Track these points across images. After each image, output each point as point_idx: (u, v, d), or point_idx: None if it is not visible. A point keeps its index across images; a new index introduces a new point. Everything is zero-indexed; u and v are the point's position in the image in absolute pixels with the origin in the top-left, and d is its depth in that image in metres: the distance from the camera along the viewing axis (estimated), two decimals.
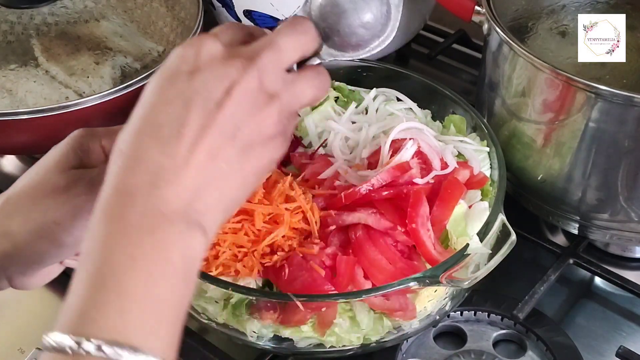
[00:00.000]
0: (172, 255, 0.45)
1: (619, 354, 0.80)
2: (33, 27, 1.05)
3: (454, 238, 0.77)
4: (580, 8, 0.89)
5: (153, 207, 0.45)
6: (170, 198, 0.46)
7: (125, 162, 0.47)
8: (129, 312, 0.43)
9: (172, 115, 0.47)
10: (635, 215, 0.84)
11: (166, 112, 0.47)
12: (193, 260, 0.47)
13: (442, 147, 0.85)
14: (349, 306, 0.73)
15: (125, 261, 0.44)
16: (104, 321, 0.43)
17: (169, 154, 0.46)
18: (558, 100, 0.80)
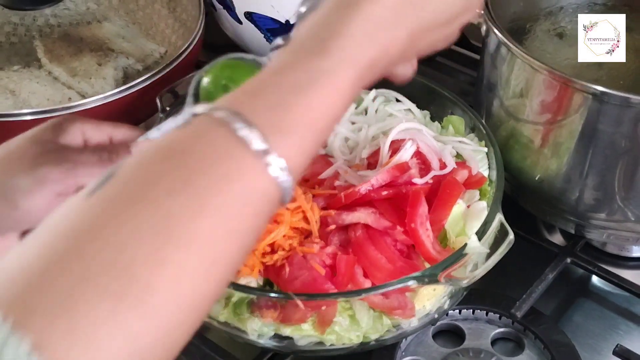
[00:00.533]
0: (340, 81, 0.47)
1: (616, 352, 0.80)
2: (36, 28, 1.06)
3: (453, 237, 0.78)
4: (578, 10, 0.90)
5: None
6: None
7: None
8: (280, 109, 0.44)
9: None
10: (632, 215, 0.84)
11: None
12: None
13: (440, 147, 0.85)
14: (348, 305, 0.73)
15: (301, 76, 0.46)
16: (252, 106, 0.44)
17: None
18: (556, 101, 0.81)
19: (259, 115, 0.43)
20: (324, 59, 0.47)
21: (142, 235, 0.38)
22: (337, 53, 0.47)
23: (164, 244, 0.38)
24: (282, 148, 0.43)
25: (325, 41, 0.48)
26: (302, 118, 0.45)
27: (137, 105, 0.91)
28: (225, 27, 1.14)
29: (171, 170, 0.41)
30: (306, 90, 0.45)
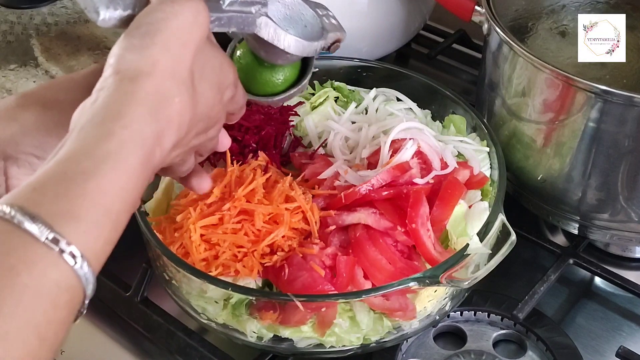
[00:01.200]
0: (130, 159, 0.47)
1: (619, 354, 0.80)
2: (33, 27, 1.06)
3: (454, 238, 0.77)
4: (580, 8, 0.89)
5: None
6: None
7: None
8: (72, 199, 0.44)
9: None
10: (635, 215, 0.84)
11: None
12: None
13: (442, 147, 0.85)
14: (348, 306, 0.73)
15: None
16: (38, 199, 0.43)
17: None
18: (558, 100, 0.80)
19: (44, 206, 0.43)
20: (109, 141, 0.46)
21: None
22: (121, 133, 0.47)
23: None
24: (73, 235, 0.43)
25: (106, 123, 0.47)
26: (94, 204, 0.44)
27: None
28: None
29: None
30: (94, 176, 0.45)
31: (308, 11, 0.66)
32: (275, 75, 0.67)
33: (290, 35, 0.62)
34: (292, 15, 0.65)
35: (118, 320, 0.86)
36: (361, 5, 1.04)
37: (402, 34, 1.13)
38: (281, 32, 0.61)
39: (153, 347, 0.84)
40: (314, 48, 0.64)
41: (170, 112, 0.50)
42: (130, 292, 0.86)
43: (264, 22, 0.60)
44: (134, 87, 0.49)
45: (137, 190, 0.47)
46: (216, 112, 0.57)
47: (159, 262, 0.78)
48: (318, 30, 0.66)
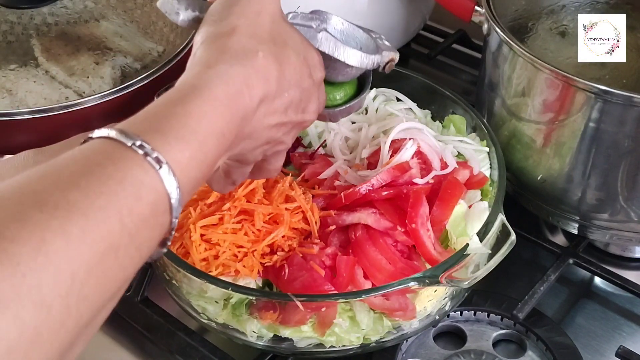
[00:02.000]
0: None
1: (619, 354, 0.80)
2: (33, 27, 1.05)
3: (454, 238, 0.77)
4: (580, 8, 0.89)
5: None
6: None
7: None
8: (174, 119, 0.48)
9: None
10: (635, 215, 0.84)
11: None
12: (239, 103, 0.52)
13: (442, 147, 0.85)
14: (348, 306, 0.73)
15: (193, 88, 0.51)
16: (134, 121, 0.48)
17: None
18: (558, 101, 0.80)
19: (136, 126, 0.47)
20: (197, 79, 0.52)
21: (42, 239, 0.39)
22: (207, 72, 0.52)
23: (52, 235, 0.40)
24: (159, 145, 0.46)
25: (195, 68, 0.53)
26: (179, 122, 0.48)
27: (135, 105, 0.89)
28: None
29: (64, 172, 0.43)
30: (181, 102, 0.49)
31: (361, 34, 0.71)
32: (334, 93, 0.70)
33: (350, 48, 0.65)
34: (346, 37, 0.70)
35: (118, 320, 0.86)
36: (361, 5, 1.04)
37: (402, 34, 1.13)
38: (341, 45, 0.65)
39: (153, 347, 0.84)
40: (372, 61, 0.67)
41: (254, 62, 0.54)
42: (130, 292, 0.87)
43: (325, 36, 0.64)
44: (218, 44, 0.54)
45: (225, 121, 0.50)
46: (308, 85, 0.60)
47: (159, 262, 0.78)
48: (373, 49, 0.69)
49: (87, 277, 0.40)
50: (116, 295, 0.45)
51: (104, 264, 0.42)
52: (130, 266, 0.44)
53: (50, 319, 0.38)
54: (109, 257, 0.42)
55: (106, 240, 0.42)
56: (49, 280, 0.38)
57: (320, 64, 0.62)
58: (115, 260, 0.42)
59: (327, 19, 0.69)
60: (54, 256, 0.39)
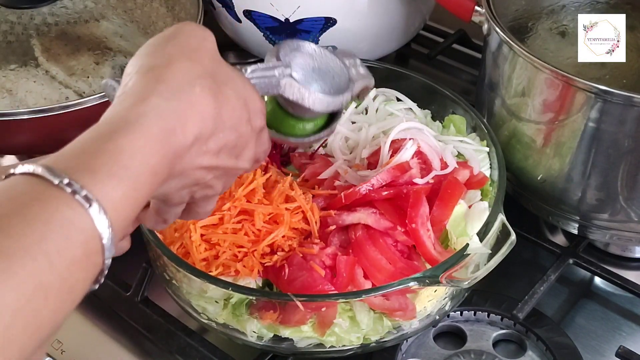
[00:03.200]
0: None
1: (619, 354, 0.80)
2: (33, 27, 1.05)
3: (454, 238, 0.77)
4: (580, 8, 0.89)
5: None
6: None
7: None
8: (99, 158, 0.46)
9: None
10: (635, 215, 0.84)
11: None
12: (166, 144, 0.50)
13: (442, 147, 0.85)
14: (348, 306, 0.73)
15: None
16: (62, 157, 0.45)
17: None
18: (558, 101, 0.80)
19: (63, 163, 0.45)
20: (129, 112, 0.49)
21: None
22: (140, 105, 0.49)
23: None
24: (89, 184, 0.44)
25: (128, 100, 0.50)
26: (110, 159, 0.46)
27: None
28: (224, 26, 1.14)
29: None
30: (111, 138, 0.47)
31: (336, 62, 0.68)
32: (304, 124, 0.68)
33: (315, 94, 0.63)
34: (320, 66, 0.66)
35: (118, 320, 0.86)
36: (361, 5, 1.04)
37: (402, 34, 1.13)
38: (305, 91, 0.63)
39: (153, 347, 0.84)
40: (339, 102, 0.66)
41: (191, 96, 0.51)
42: (131, 292, 0.87)
43: (288, 83, 0.62)
44: (153, 74, 0.51)
45: (158, 158, 0.48)
46: (245, 131, 0.56)
47: (159, 262, 0.78)
48: (345, 81, 0.67)
49: (12, 320, 0.39)
50: (49, 340, 0.43)
51: (32, 306, 0.40)
52: (63, 309, 0.42)
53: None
54: (37, 299, 0.40)
55: (33, 282, 0.40)
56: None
57: (261, 112, 0.59)
58: (45, 302, 0.41)
59: (298, 48, 0.66)
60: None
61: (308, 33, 1.04)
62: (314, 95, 0.63)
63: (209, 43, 0.56)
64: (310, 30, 1.04)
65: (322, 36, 1.05)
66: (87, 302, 0.92)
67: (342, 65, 0.68)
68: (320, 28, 1.04)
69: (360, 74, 0.69)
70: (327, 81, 0.67)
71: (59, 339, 0.84)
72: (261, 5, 1.03)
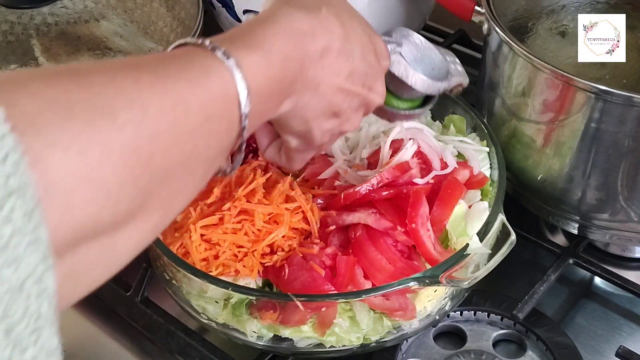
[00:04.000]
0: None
1: (619, 354, 0.80)
2: (33, 27, 1.05)
3: (454, 238, 0.77)
4: (580, 8, 0.89)
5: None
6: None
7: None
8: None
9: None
10: (635, 215, 0.84)
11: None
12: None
13: (442, 147, 0.85)
14: (348, 306, 0.73)
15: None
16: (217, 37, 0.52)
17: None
18: (558, 101, 0.80)
19: (210, 38, 0.51)
20: (260, 15, 0.57)
21: (121, 84, 0.43)
22: (274, 11, 0.57)
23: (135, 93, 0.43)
24: (233, 50, 0.50)
25: (264, 12, 0.57)
26: (246, 36, 0.52)
27: None
28: (224, 26, 1.14)
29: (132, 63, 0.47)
30: (246, 27, 0.54)
31: (437, 55, 0.73)
32: (399, 102, 0.72)
33: (418, 74, 0.68)
34: (422, 57, 0.71)
35: (118, 320, 0.86)
36: (361, 5, 1.04)
37: None
38: (410, 70, 0.68)
39: (153, 347, 0.84)
40: (437, 87, 0.71)
41: (318, 14, 0.57)
42: (131, 292, 0.87)
43: (397, 59, 0.67)
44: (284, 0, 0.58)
45: (288, 47, 0.54)
46: (373, 62, 0.62)
47: (159, 262, 0.78)
48: (444, 73, 0.72)
49: (159, 117, 0.43)
50: (189, 168, 0.47)
51: (174, 114, 0.44)
52: (201, 135, 0.46)
53: (123, 138, 0.41)
54: (179, 111, 0.44)
55: (175, 96, 0.44)
56: (122, 104, 0.41)
57: (386, 53, 0.65)
58: (186, 118, 0.45)
59: (407, 36, 0.71)
60: (126, 91, 0.42)
61: None
62: (417, 75, 0.68)
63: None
64: None
65: None
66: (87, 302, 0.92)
67: (443, 59, 0.73)
68: None
69: (458, 71, 0.75)
70: (428, 65, 0.72)
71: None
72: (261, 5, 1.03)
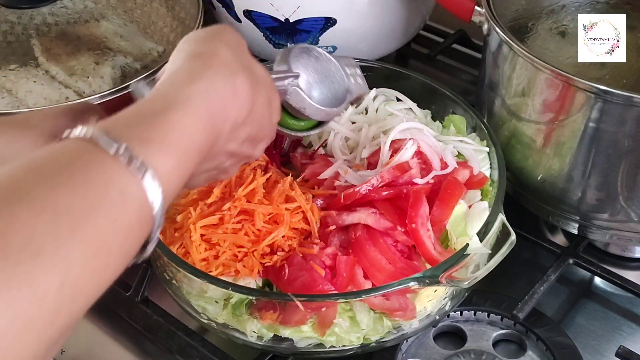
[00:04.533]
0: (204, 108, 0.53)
1: (619, 354, 0.80)
2: (33, 27, 1.05)
3: (454, 238, 0.77)
4: (580, 8, 0.89)
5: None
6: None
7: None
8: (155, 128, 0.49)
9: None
10: (635, 215, 0.84)
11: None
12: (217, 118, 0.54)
13: (442, 147, 0.85)
14: (348, 306, 0.73)
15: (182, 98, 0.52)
16: (118, 126, 0.48)
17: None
18: (558, 101, 0.80)
19: (122, 131, 0.47)
20: (178, 91, 0.52)
21: (32, 233, 0.40)
22: (191, 88, 0.53)
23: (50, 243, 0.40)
24: (143, 153, 0.46)
25: (182, 82, 0.53)
26: (163, 134, 0.48)
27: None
28: None
29: (45, 177, 0.43)
30: (163, 113, 0.50)
31: (338, 70, 0.77)
32: (298, 123, 0.75)
33: (315, 105, 0.72)
34: (323, 74, 0.75)
35: (118, 320, 0.86)
36: (361, 5, 1.04)
37: (402, 34, 1.13)
38: (307, 102, 0.71)
39: (153, 347, 0.84)
40: (333, 114, 0.75)
41: (234, 85, 0.56)
42: (131, 292, 0.87)
43: (295, 92, 0.70)
44: (203, 59, 0.56)
45: (204, 138, 0.52)
46: (266, 125, 0.63)
47: (159, 262, 0.78)
48: (343, 91, 0.76)
49: (81, 273, 0.41)
50: (101, 292, 0.45)
51: (97, 262, 0.42)
52: (117, 271, 0.45)
53: (43, 310, 0.39)
54: (101, 257, 0.42)
55: (98, 240, 0.42)
56: (42, 272, 0.39)
57: (279, 110, 0.66)
58: (108, 259, 0.43)
59: (308, 50, 0.73)
60: (47, 250, 0.39)
61: (308, 33, 1.04)
62: (314, 107, 0.72)
63: (244, 44, 0.62)
64: (310, 30, 1.04)
65: (322, 36, 1.05)
66: None
67: (344, 74, 0.77)
68: (320, 28, 1.04)
69: (358, 85, 0.78)
70: (327, 85, 0.75)
71: None
72: (261, 5, 1.03)
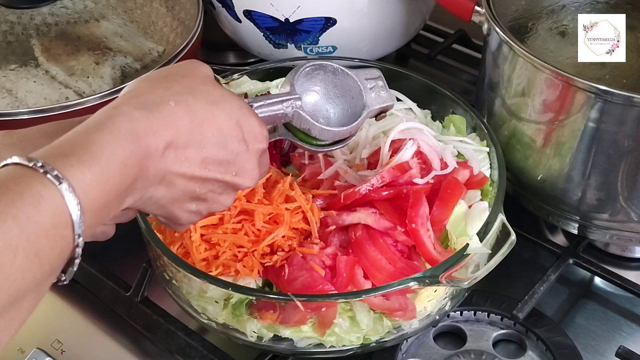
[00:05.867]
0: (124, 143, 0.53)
1: (619, 354, 0.80)
2: (33, 27, 1.05)
3: (454, 238, 0.77)
4: (580, 8, 0.89)
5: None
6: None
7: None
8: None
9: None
10: (635, 215, 0.84)
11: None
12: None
13: (442, 147, 0.85)
14: (348, 306, 0.73)
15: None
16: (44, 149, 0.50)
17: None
18: (558, 100, 0.80)
19: (47, 151, 0.50)
20: (99, 116, 0.54)
21: None
22: (113, 111, 0.54)
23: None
24: (60, 166, 0.48)
25: (106, 109, 0.55)
26: (82, 149, 0.50)
27: None
28: (224, 26, 1.14)
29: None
30: (84, 133, 0.52)
31: (355, 84, 0.72)
32: (312, 140, 0.71)
33: (319, 126, 0.68)
34: (340, 89, 0.71)
35: (118, 320, 0.86)
36: (361, 5, 1.04)
37: (402, 34, 1.13)
38: (311, 123, 0.67)
39: (153, 347, 0.84)
40: (345, 132, 0.70)
41: (164, 109, 0.56)
42: (131, 292, 0.86)
43: (297, 114, 0.67)
44: (132, 94, 0.57)
45: (126, 153, 0.52)
46: (237, 150, 0.60)
47: (159, 262, 0.78)
48: (360, 106, 0.71)
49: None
50: (17, 303, 0.46)
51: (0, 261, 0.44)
52: (30, 272, 0.46)
53: None
54: (5, 256, 0.44)
55: (3, 239, 0.44)
56: None
57: (261, 135, 0.62)
58: (14, 260, 0.45)
59: (322, 67, 0.70)
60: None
61: (308, 33, 1.04)
62: (319, 128, 0.68)
63: (202, 71, 0.61)
64: (310, 30, 1.04)
65: (322, 36, 1.05)
66: (87, 302, 0.93)
67: (362, 87, 0.72)
68: (320, 28, 1.04)
69: (380, 97, 0.73)
70: (347, 100, 0.71)
71: (59, 339, 0.84)
72: (261, 5, 1.03)
